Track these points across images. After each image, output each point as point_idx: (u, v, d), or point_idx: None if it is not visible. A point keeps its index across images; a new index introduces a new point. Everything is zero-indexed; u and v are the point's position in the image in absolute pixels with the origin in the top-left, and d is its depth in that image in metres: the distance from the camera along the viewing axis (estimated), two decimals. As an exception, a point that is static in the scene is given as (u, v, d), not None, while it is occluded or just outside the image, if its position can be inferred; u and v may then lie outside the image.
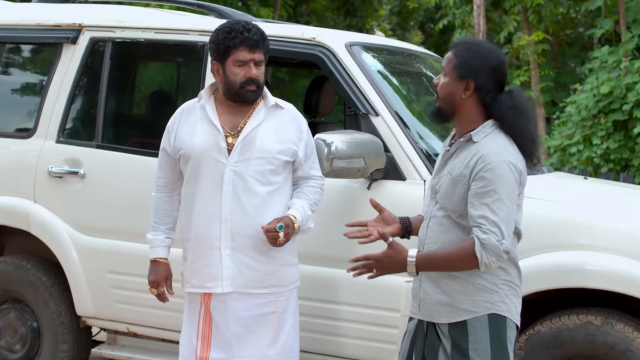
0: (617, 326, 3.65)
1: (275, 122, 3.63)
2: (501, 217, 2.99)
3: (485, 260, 3.00)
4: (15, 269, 4.86)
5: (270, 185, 3.59)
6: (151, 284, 3.80)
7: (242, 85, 3.54)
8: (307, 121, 5.43)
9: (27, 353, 4.87)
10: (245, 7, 16.08)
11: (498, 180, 3.01)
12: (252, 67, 3.53)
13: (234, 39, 3.52)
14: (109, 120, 4.76)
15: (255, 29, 3.55)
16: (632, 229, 3.75)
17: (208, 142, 3.59)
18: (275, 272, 3.63)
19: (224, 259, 3.58)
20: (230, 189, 3.56)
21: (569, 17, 13.96)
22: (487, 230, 2.99)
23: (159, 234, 3.80)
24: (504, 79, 3.16)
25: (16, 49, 5.24)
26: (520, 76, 12.87)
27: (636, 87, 9.00)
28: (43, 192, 4.74)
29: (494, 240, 2.98)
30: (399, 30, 22.82)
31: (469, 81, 3.11)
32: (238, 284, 3.59)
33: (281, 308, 3.66)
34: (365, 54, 4.36)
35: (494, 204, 2.99)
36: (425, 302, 3.19)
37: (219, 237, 3.58)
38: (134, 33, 4.69)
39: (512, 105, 3.11)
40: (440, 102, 3.19)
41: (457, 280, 3.12)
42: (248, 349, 3.62)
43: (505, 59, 3.22)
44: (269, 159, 3.58)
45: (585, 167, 9.43)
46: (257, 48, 3.54)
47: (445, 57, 3.20)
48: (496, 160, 3.02)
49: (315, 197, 3.73)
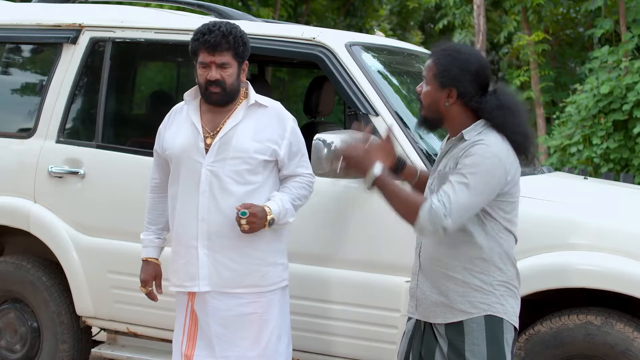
0: (617, 326, 3.65)
1: (256, 121, 3.64)
2: (458, 200, 2.94)
3: (422, 223, 2.96)
4: (15, 269, 4.86)
5: (247, 185, 3.59)
6: (141, 283, 3.87)
7: (205, 87, 3.57)
8: (307, 121, 5.47)
9: (27, 353, 4.87)
10: (245, 7, 16.07)
11: (474, 167, 2.97)
12: (212, 69, 3.54)
13: (195, 42, 3.57)
14: (109, 120, 4.76)
15: (219, 30, 3.53)
16: (631, 229, 3.76)
17: (188, 143, 3.63)
18: (254, 272, 3.63)
19: (201, 258, 3.61)
20: (207, 189, 3.59)
21: (569, 17, 13.95)
22: (441, 201, 2.95)
23: (150, 234, 3.87)
24: (487, 81, 3.14)
25: (16, 49, 5.24)
26: (520, 76, 12.87)
27: (636, 87, 9.00)
28: (43, 192, 4.74)
29: (442, 212, 2.93)
30: (399, 30, 22.81)
31: (451, 89, 3.10)
32: (215, 283, 3.61)
33: (262, 309, 3.65)
34: (365, 54, 4.36)
35: (458, 184, 2.96)
36: (422, 302, 3.19)
37: (196, 236, 3.61)
38: (134, 33, 4.69)
39: (498, 104, 3.09)
40: (424, 111, 3.19)
41: (453, 280, 3.11)
42: (230, 349, 3.64)
43: (487, 62, 3.19)
44: (245, 158, 3.59)
45: (585, 167, 9.43)
46: (217, 50, 3.52)
47: (425, 65, 3.18)
48: (480, 151, 2.99)
49: (300, 192, 3.71)
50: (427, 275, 3.18)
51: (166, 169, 3.78)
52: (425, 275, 3.19)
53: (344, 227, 4.09)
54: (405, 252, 3.87)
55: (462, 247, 3.10)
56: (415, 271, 3.25)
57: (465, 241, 3.10)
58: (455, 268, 3.11)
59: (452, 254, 3.11)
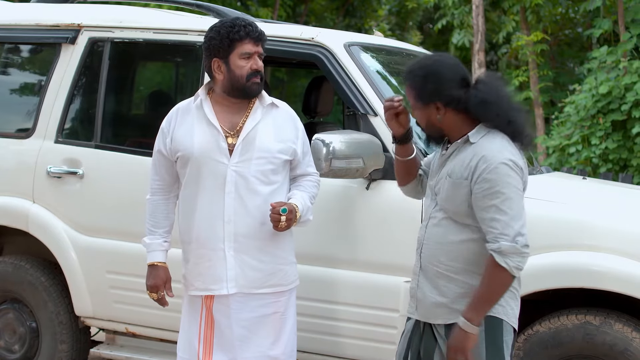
0: (615, 326, 3.65)
1: (273, 121, 3.62)
2: (511, 214, 3.00)
3: (512, 265, 3.00)
4: (14, 269, 4.86)
5: (271, 185, 3.58)
6: (150, 289, 3.75)
7: (249, 77, 3.53)
8: (306, 121, 5.47)
9: (25, 353, 4.87)
10: (244, 7, 16.08)
11: (502, 180, 3.01)
12: (257, 60, 3.55)
13: (238, 32, 3.52)
14: (107, 120, 4.76)
15: (255, 24, 3.59)
16: (630, 229, 3.75)
17: (208, 143, 3.56)
18: (277, 271, 3.62)
19: (228, 260, 3.55)
20: (233, 190, 3.54)
21: (567, 17, 13.95)
22: (497, 236, 2.99)
23: (157, 237, 3.75)
24: (465, 78, 3.16)
25: (15, 49, 5.24)
26: (519, 76, 12.87)
27: (635, 87, 8.99)
28: (42, 192, 4.74)
29: (507, 243, 2.98)
30: (397, 30, 22.82)
31: (436, 103, 3.14)
32: (241, 284, 3.57)
33: (282, 308, 3.65)
34: (364, 54, 4.36)
35: (502, 203, 3.00)
36: (422, 302, 3.19)
37: (223, 238, 3.55)
38: (133, 33, 4.69)
39: (481, 100, 3.10)
40: (425, 130, 3.25)
41: (454, 282, 3.11)
42: (250, 350, 3.60)
43: (455, 60, 3.21)
44: (269, 158, 3.57)
45: (584, 167, 9.43)
46: (260, 41, 3.56)
47: (405, 91, 3.23)
48: (497, 161, 3.02)
49: (314, 191, 3.72)
50: (428, 275, 3.18)
51: (170, 170, 3.69)
52: (426, 275, 3.19)
53: (342, 227, 4.09)
54: (403, 252, 3.87)
55: (464, 249, 3.10)
56: (415, 271, 3.25)
57: (467, 242, 3.10)
58: (457, 269, 3.11)
59: (453, 255, 3.11)
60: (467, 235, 3.10)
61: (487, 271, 3.03)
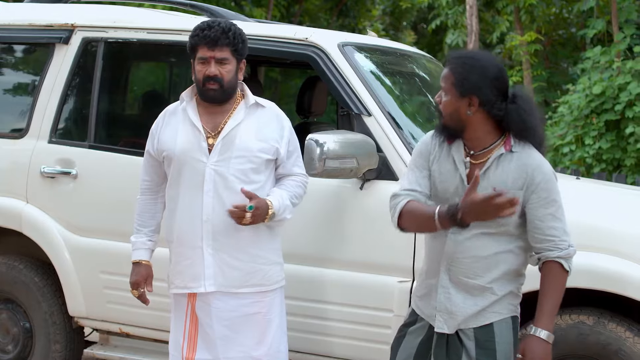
0: (609, 326, 3.66)
1: (256, 120, 3.63)
2: (564, 221, 3.10)
3: (572, 267, 3.12)
4: (8, 269, 4.85)
5: (251, 184, 3.58)
6: (132, 285, 3.81)
7: (204, 82, 3.55)
8: (300, 121, 5.47)
9: (19, 354, 4.86)
10: (238, 7, 16.06)
11: (555, 189, 3.09)
12: (211, 65, 3.53)
13: (195, 37, 3.56)
14: (101, 121, 4.75)
15: (219, 26, 3.54)
16: (625, 230, 3.76)
17: (189, 143, 3.60)
18: (257, 271, 3.63)
19: (206, 258, 3.59)
20: (211, 188, 3.56)
21: (561, 17, 13.98)
22: (559, 243, 3.07)
23: (141, 236, 3.82)
24: (506, 86, 3.08)
25: (8, 49, 5.22)
26: (512, 76, 12.88)
27: (628, 87, 9.02)
28: (35, 193, 4.73)
29: (571, 248, 3.09)
30: (391, 30, 22.84)
31: (472, 97, 3.03)
32: (220, 283, 3.59)
33: (265, 308, 3.65)
34: (357, 54, 4.36)
35: (557, 212, 3.07)
36: (455, 315, 3.13)
37: (201, 236, 3.59)
38: (127, 33, 4.68)
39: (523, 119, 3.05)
40: (446, 120, 3.11)
41: (490, 290, 3.12)
42: (233, 350, 3.62)
43: (503, 66, 3.14)
44: (249, 157, 3.58)
45: (578, 167, 9.45)
46: (217, 45, 3.52)
47: (442, 75, 3.11)
48: (550, 171, 3.09)
49: (297, 191, 3.71)
50: (462, 288, 3.13)
51: (159, 171, 3.75)
52: (459, 288, 3.13)
53: (336, 227, 4.09)
54: (397, 252, 3.88)
55: (500, 260, 3.11)
56: (444, 284, 3.15)
57: (504, 254, 3.12)
58: (493, 279, 3.12)
59: (492, 267, 3.11)
60: (504, 247, 3.10)
61: (554, 279, 3.10)
